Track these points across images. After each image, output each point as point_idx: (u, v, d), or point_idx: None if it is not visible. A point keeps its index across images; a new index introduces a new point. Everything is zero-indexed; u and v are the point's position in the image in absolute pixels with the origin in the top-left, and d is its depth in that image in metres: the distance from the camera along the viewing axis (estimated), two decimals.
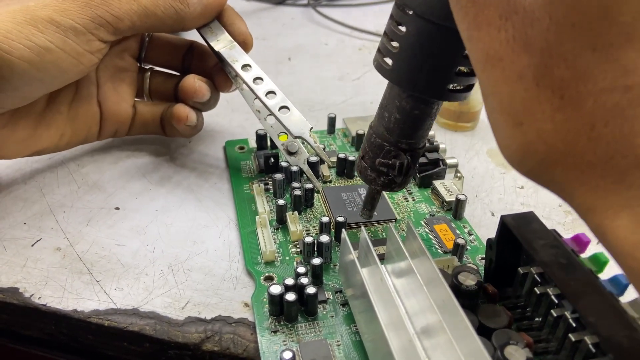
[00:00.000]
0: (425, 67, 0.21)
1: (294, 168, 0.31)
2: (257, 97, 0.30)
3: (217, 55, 0.31)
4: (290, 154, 0.31)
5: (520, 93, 0.15)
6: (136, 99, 0.34)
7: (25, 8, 0.25)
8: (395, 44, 0.21)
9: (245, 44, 0.32)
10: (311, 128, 0.29)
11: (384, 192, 0.31)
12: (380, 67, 0.23)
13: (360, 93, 0.44)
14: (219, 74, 0.33)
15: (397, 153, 0.24)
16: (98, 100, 0.32)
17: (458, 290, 0.21)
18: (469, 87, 0.22)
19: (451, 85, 0.22)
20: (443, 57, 0.21)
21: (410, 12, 0.20)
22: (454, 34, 0.19)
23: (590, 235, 0.26)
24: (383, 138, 0.24)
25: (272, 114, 0.29)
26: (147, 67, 0.34)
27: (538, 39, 0.14)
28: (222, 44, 0.31)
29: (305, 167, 0.30)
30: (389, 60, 0.22)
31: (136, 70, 0.34)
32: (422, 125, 0.23)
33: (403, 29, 0.21)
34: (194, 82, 0.31)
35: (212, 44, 0.31)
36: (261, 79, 0.30)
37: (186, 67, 0.34)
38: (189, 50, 0.34)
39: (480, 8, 0.15)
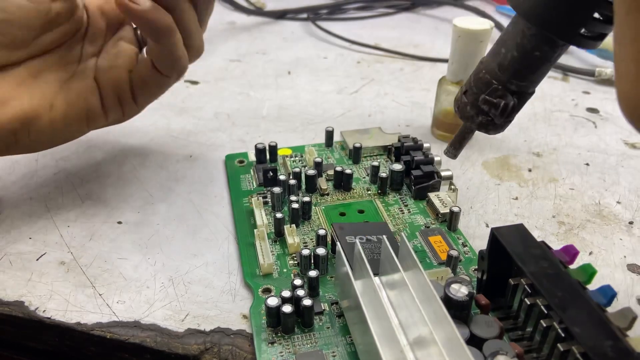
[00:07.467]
0: (563, 3, 0.20)
1: (292, 182, 0.31)
2: None
3: None
4: None
5: None
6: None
7: None
8: None
9: None
10: None
11: (380, 206, 0.31)
12: None
13: (358, 106, 0.45)
14: None
15: (504, 93, 0.23)
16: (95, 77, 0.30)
17: (450, 301, 0.22)
18: (601, 36, 0.21)
19: (584, 30, 0.20)
20: None
21: None
22: None
23: (579, 246, 0.27)
24: (493, 75, 0.23)
25: None
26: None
27: None
28: None
29: None
30: None
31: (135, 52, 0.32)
32: (538, 68, 0.22)
33: None
34: None
35: None
36: None
37: None
38: None
39: None
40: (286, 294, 0.23)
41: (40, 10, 0.27)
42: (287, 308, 0.23)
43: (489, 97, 0.23)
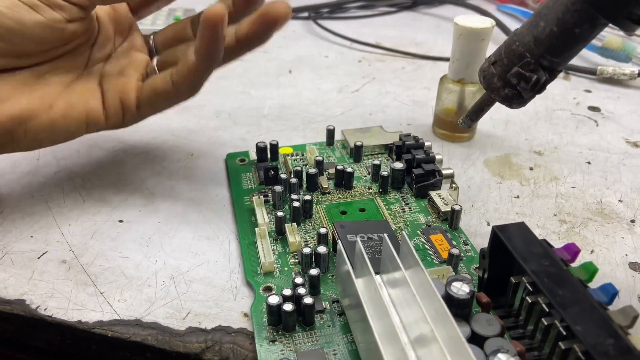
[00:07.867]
0: None
1: (293, 180, 0.31)
2: None
3: None
4: None
5: None
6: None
7: None
8: None
9: None
10: None
11: (381, 204, 0.31)
12: None
13: (359, 105, 0.45)
14: None
15: (537, 68, 0.23)
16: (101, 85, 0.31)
17: (451, 299, 0.22)
18: None
19: (627, 12, 0.21)
20: None
21: None
22: None
23: (580, 244, 0.27)
24: (527, 48, 0.23)
25: None
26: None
27: None
28: None
29: None
30: None
31: (145, 60, 0.32)
32: (574, 46, 0.23)
33: None
34: None
35: None
36: None
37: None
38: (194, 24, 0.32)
39: None
40: (287, 292, 0.23)
41: (55, 29, 0.27)
42: (288, 306, 0.23)
43: (522, 70, 0.23)
